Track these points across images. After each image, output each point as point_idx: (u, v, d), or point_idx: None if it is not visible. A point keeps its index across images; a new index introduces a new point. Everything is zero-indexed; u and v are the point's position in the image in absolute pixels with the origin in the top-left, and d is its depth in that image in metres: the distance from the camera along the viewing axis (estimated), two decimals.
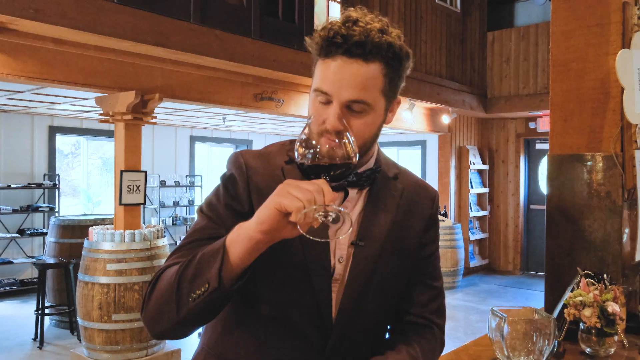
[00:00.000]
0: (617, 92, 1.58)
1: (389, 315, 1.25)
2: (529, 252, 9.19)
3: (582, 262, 1.65)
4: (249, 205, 1.13)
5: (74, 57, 4.30)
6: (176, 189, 9.32)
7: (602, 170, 1.61)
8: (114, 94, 4.70)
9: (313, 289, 1.13)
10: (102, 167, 9.75)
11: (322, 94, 1.07)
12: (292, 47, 5.39)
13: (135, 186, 4.72)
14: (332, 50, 1.07)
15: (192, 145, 9.89)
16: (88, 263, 4.57)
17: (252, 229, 0.96)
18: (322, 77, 1.08)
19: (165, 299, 1.05)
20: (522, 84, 8.33)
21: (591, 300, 1.38)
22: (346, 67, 1.06)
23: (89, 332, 4.53)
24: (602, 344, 1.40)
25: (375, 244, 1.17)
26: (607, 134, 1.60)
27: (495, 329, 1.33)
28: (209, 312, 1.05)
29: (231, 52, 4.78)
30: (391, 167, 1.29)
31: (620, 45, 1.58)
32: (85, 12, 3.79)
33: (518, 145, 9.12)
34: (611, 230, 1.60)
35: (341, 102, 1.06)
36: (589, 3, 1.64)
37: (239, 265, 0.99)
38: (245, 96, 5.61)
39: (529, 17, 9.07)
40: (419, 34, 7.39)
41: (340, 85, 1.06)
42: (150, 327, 1.11)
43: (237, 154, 1.19)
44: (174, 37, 4.33)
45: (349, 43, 1.05)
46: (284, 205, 0.91)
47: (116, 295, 4.47)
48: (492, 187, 9.32)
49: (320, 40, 1.08)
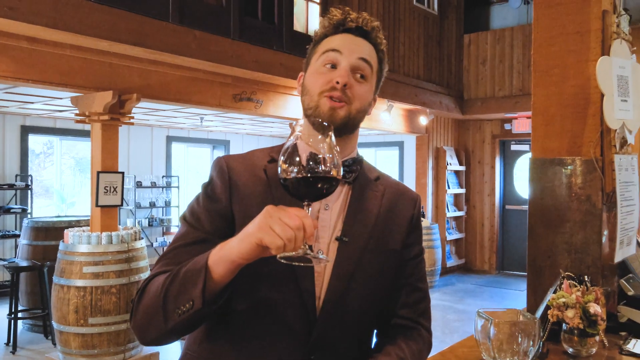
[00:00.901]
0: (597, 98, 1.62)
1: (374, 314, 1.27)
2: (504, 252, 9.32)
3: (563, 263, 1.68)
4: (227, 200, 1.19)
5: (50, 57, 4.22)
6: (152, 189, 9.22)
7: (583, 174, 1.64)
8: (91, 93, 4.63)
9: (296, 283, 1.15)
10: (75, 167, 9.59)
11: (334, 52, 1.20)
12: (272, 48, 5.39)
13: (112, 187, 4.66)
14: (342, 29, 1.23)
15: (169, 145, 9.80)
16: (64, 266, 4.49)
17: (234, 255, 1.00)
18: (333, 42, 1.22)
19: (153, 310, 1.08)
20: (498, 86, 8.45)
21: (574, 301, 1.41)
22: (354, 39, 1.23)
23: (65, 336, 4.46)
24: (584, 344, 1.43)
25: (359, 240, 1.21)
26: (587, 139, 1.64)
27: (482, 331, 1.35)
28: (195, 324, 1.11)
29: (210, 52, 4.75)
30: (372, 170, 1.34)
31: (600, 52, 1.61)
32: (61, 11, 3.73)
33: (494, 146, 9.24)
34: (591, 232, 1.64)
35: (352, 59, 1.20)
36: (570, 11, 1.67)
37: (221, 282, 1.03)
38: (224, 97, 5.58)
39: (505, 20, 9.20)
40: (397, 35, 7.44)
41: (352, 48, 1.21)
42: (139, 336, 1.14)
43: (219, 158, 1.25)
44: (153, 36, 4.29)
45: (362, 24, 1.23)
46: (265, 242, 0.94)
47: (93, 299, 4.41)
48: (468, 187, 9.43)
49: (337, 21, 1.23)
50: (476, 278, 8.84)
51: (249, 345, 1.17)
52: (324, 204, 1.22)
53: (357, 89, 1.19)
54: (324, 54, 1.21)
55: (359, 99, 1.19)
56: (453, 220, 9.24)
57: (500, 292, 7.96)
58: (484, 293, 7.81)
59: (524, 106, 8.12)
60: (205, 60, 4.72)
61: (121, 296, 4.49)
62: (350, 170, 1.25)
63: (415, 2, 7.84)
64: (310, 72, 1.24)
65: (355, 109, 1.19)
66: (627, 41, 1.68)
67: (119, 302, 4.48)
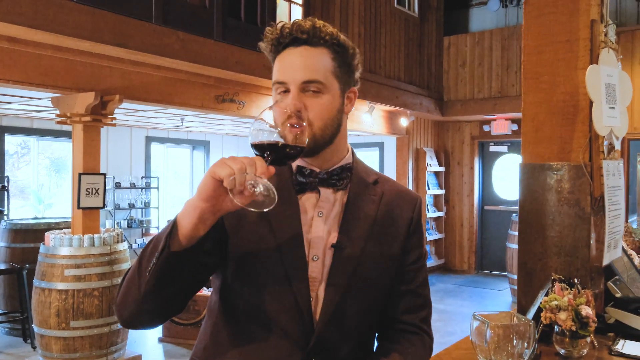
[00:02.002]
0: (585, 105, 1.66)
1: (373, 319, 1.28)
2: (483, 252, 9.44)
3: (553, 266, 1.72)
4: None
5: (31, 57, 4.16)
6: (131, 190, 9.13)
7: (572, 179, 1.68)
8: (72, 94, 4.57)
9: (292, 289, 1.17)
10: (51, 167, 9.44)
11: (280, 84, 1.19)
12: (255, 49, 5.37)
13: (94, 189, 4.62)
14: (282, 45, 1.20)
15: (148, 146, 9.71)
16: (44, 269, 4.43)
17: (195, 199, 1.04)
18: (277, 70, 1.20)
19: (130, 278, 1.11)
20: (477, 88, 8.56)
21: (566, 304, 1.45)
22: (295, 54, 1.18)
23: (46, 339, 4.40)
24: (576, 345, 1.47)
25: (356, 245, 1.22)
26: (576, 145, 1.68)
27: (477, 333, 1.37)
28: (164, 281, 1.08)
29: (194, 53, 4.73)
30: (370, 173, 1.34)
31: (589, 60, 1.66)
32: (43, 11, 3.68)
33: (473, 147, 9.35)
34: (580, 236, 1.68)
35: (296, 85, 1.17)
36: (559, 20, 1.71)
37: (190, 235, 1.05)
38: (206, 98, 5.56)
39: (483, 23, 9.32)
40: (378, 38, 7.49)
41: (293, 71, 1.17)
42: (119, 313, 1.15)
43: None
44: (136, 37, 4.26)
45: (294, 34, 1.18)
46: (217, 172, 0.99)
47: (74, 302, 4.36)
48: (448, 188, 9.53)
49: (272, 40, 1.21)
50: (455, 278, 8.94)
51: (250, 349, 1.18)
52: (317, 211, 1.24)
53: (314, 106, 1.17)
54: (274, 85, 1.21)
55: (318, 116, 1.17)
56: (433, 221, 9.33)
57: (480, 291, 8.06)
58: (463, 293, 7.91)
59: (502, 108, 8.24)
60: (188, 61, 4.70)
61: (104, 299, 4.45)
62: (340, 178, 1.26)
63: (396, 5, 7.89)
64: (273, 94, 1.24)
65: (318, 127, 1.17)
66: (613, 50, 1.73)
67: (102, 305, 4.44)
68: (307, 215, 1.23)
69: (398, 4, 7.95)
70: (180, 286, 1.11)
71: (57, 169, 9.33)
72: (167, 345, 5.51)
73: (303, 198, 1.25)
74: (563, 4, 1.71)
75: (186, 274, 1.10)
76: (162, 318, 1.18)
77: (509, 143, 9.22)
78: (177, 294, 1.13)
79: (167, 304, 1.13)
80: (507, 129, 8.80)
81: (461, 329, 6.01)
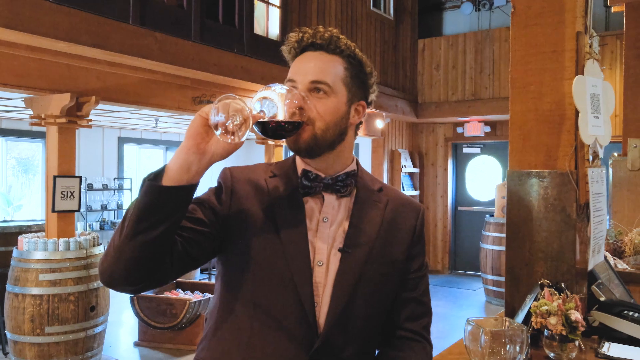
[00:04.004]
0: (571, 114, 1.71)
1: (378, 324, 1.30)
2: (457, 252, 9.57)
3: (540, 271, 1.77)
4: (227, 204, 1.25)
5: (4, 57, 4.06)
6: (104, 192, 9.00)
7: (558, 186, 1.73)
8: (46, 95, 4.49)
9: (297, 294, 1.19)
10: (18, 167, 9.22)
11: (290, 82, 1.24)
12: (232, 51, 5.36)
13: (69, 192, 4.53)
14: (300, 48, 1.27)
15: (121, 146, 9.58)
16: (18, 273, 4.34)
17: (184, 140, 1.09)
18: (291, 70, 1.27)
19: (115, 232, 1.11)
20: (451, 91, 8.67)
21: (556, 309, 1.49)
22: (311, 57, 1.25)
23: (20, 346, 4.31)
24: (564, 349, 1.51)
25: (362, 251, 1.24)
26: (563, 153, 1.73)
27: (471, 338, 1.40)
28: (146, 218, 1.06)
29: (171, 54, 4.68)
30: (375, 181, 1.38)
31: (574, 71, 1.71)
32: (17, 11, 3.60)
33: (446, 149, 9.47)
34: (566, 242, 1.72)
35: (305, 83, 1.22)
36: (546, 31, 1.76)
37: (177, 178, 1.07)
38: (183, 99, 5.51)
39: (457, 26, 9.45)
40: (354, 40, 7.53)
41: (305, 71, 1.23)
42: (100, 268, 1.13)
43: (225, 168, 1.33)
44: (113, 38, 4.20)
45: (315, 38, 1.25)
46: (205, 110, 1.07)
47: (50, 307, 4.28)
48: (422, 189, 9.63)
49: (293, 43, 1.27)
50: (430, 278, 8.98)
51: (254, 350, 1.19)
52: (322, 216, 1.26)
53: (318, 105, 1.21)
54: (285, 83, 1.24)
55: (320, 116, 1.21)
56: None
57: (454, 291, 8.17)
58: (438, 293, 8.00)
59: (476, 110, 8.37)
60: (166, 62, 4.65)
61: (80, 304, 4.38)
62: (345, 184, 1.28)
63: (372, 7, 7.95)
64: None
65: (318, 127, 1.20)
66: (597, 61, 1.79)
67: (78, 310, 4.37)
68: (312, 221, 1.25)
69: (374, 7, 8.01)
70: (163, 234, 1.07)
71: (24, 169, 9.11)
72: (143, 349, 5.45)
73: (308, 203, 1.27)
74: (549, 15, 1.76)
75: (170, 217, 1.07)
76: (140, 273, 1.10)
77: (482, 145, 9.37)
78: (159, 245, 1.08)
79: (147, 252, 1.08)
80: (480, 131, 8.93)
81: (437, 329, 6.09)
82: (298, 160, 1.32)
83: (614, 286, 1.96)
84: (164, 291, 5.82)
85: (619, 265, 2.60)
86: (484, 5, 9.07)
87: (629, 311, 1.68)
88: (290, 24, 6.28)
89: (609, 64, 7.35)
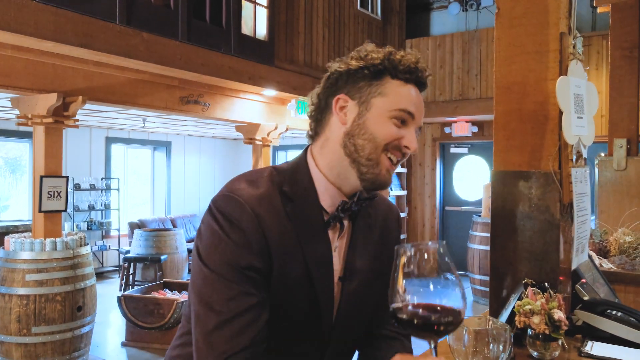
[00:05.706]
0: (555, 115, 1.72)
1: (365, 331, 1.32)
2: None
3: (524, 270, 1.78)
4: (269, 260, 1.10)
5: None
6: (91, 192, 8.94)
7: (542, 186, 1.74)
8: (33, 95, 4.46)
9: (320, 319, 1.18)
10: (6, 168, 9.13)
11: (408, 114, 1.15)
12: (220, 51, 5.35)
13: (56, 192, 4.51)
14: (408, 77, 1.16)
15: (108, 146, 9.52)
16: (4, 274, 4.31)
17: None
18: (408, 99, 1.16)
19: None
20: (439, 91, 8.71)
21: (539, 308, 1.50)
22: (419, 97, 1.19)
23: (6, 346, 4.28)
24: (548, 347, 1.53)
25: (360, 277, 1.24)
26: (546, 153, 1.74)
27: (456, 338, 1.41)
28: None
29: (158, 54, 4.67)
30: None
31: (558, 71, 1.72)
32: (3, 10, 3.57)
33: (434, 149, 9.51)
34: (550, 241, 1.74)
35: (418, 124, 1.18)
36: (530, 32, 1.77)
37: None
38: (170, 99, 5.50)
39: (444, 26, 9.49)
40: (342, 40, 7.54)
41: (420, 111, 1.18)
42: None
43: (240, 202, 1.09)
44: (100, 38, 4.18)
45: (422, 78, 1.19)
46: None
47: (36, 307, 4.25)
48: (410, 189, 9.66)
49: (399, 64, 1.15)
50: None
51: None
52: (334, 245, 1.21)
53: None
54: (399, 111, 1.14)
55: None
56: None
57: None
58: None
59: (463, 111, 8.41)
60: (153, 62, 4.64)
61: (66, 304, 4.35)
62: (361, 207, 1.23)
63: (360, 8, 7.96)
64: (376, 116, 1.15)
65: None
66: (581, 61, 1.80)
67: (64, 310, 4.34)
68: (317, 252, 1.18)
69: (361, 7, 8.02)
70: None
71: (11, 169, 9.03)
72: (130, 349, 5.42)
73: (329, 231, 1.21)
74: (533, 16, 1.77)
75: None
76: None
77: (470, 145, 9.42)
78: None
79: None
80: (467, 131, 8.98)
81: None
82: (323, 184, 1.18)
83: (598, 285, 1.98)
84: (152, 291, 5.79)
85: (604, 265, 2.63)
86: (471, 5, 9.12)
87: (612, 310, 1.69)
88: (278, 24, 6.27)
89: (595, 64, 7.41)
